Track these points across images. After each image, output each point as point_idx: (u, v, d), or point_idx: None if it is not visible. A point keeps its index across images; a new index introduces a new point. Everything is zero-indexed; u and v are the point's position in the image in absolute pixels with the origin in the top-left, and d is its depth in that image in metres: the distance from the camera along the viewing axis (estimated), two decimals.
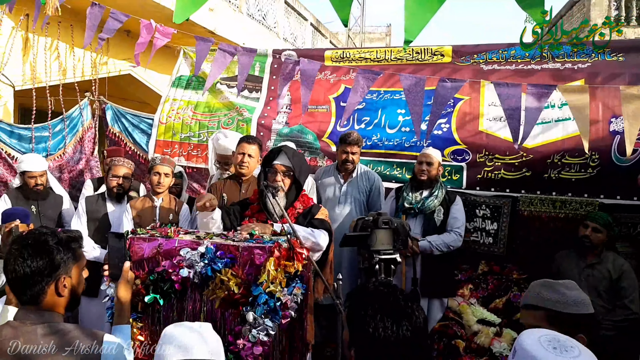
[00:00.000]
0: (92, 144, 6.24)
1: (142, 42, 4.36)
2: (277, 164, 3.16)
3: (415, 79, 3.68)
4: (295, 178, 3.19)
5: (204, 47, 4.19)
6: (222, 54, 4.17)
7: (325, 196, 4.58)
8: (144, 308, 2.65)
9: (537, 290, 2.06)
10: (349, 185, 4.51)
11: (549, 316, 1.95)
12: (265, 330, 2.39)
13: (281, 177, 3.14)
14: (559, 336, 1.53)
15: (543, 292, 2.02)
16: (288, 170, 3.16)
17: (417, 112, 3.63)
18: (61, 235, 1.80)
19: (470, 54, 5.07)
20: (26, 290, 1.73)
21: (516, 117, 3.51)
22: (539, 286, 2.09)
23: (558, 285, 2.05)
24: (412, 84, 3.66)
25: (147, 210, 4.16)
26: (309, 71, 4.01)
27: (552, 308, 1.96)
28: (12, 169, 5.25)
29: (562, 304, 1.96)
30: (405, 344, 1.41)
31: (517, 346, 1.55)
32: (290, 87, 5.60)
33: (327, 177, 4.63)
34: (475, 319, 4.20)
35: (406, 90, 3.68)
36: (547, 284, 2.08)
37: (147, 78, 8.71)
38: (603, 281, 3.86)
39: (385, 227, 3.09)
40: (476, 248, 4.78)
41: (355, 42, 23.91)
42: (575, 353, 1.46)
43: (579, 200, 4.42)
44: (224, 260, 2.52)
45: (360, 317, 1.45)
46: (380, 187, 4.58)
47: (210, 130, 5.69)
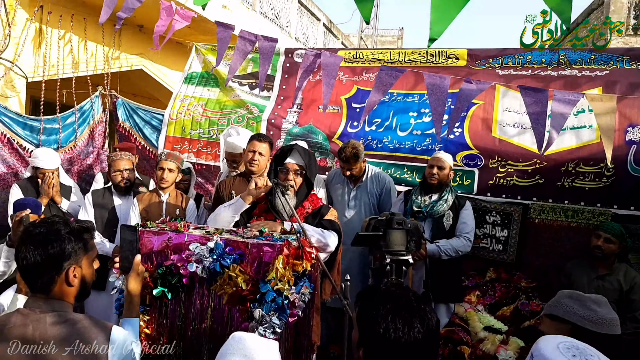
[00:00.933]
0: (102, 137, 6.25)
1: (162, 24, 4.31)
2: (289, 163, 3.13)
3: (439, 79, 3.61)
4: (306, 177, 3.17)
5: (225, 35, 4.09)
6: (243, 43, 4.08)
7: (335, 199, 4.54)
8: (152, 301, 2.63)
9: (566, 302, 1.97)
10: (359, 189, 4.47)
11: (574, 331, 1.86)
12: (272, 327, 2.37)
13: (293, 176, 3.12)
14: (579, 344, 1.49)
15: (572, 306, 1.94)
16: (300, 169, 3.14)
17: (439, 112, 3.57)
18: (73, 225, 1.80)
19: (486, 58, 5.03)
20: (36, 279, 1.72)
21: (541, 122, 3.45)
22: (567, 298, 2.00)
23: (588, 300, 1.96)
24: (436, 84, 3.59)
25: (154, 205, 4.16)
26: (331, 65, 3.93)
27: (580, 324, 1.88)
28: (23, 160, 5.25)
29: (591, 322, 1.87)
30: (416, 345, 1.37)
31: (534, 352, 1.51)
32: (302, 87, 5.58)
33: (337, 181, 4.60)
34: (481, 326, 4.15)
35: (429, 90, 3.61)
36: (576, 296, 1.99)
37: (159, 73, 8.73)
38: (613, 293, 3.81)
39: (399, 227, 3.05)
40: (485, 255, 4.74)
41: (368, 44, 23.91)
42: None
43: (591, 209, 4.36)
44: (232, 257, 2.50)
45: (371, 317, 1.42)
46: (392, 189, 4.52)
47: (220, 127, 5.69)
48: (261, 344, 1.74)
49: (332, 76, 3.86)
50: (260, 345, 1.74)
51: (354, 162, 4.28)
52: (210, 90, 6.05)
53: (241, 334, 1.77)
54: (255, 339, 1.76)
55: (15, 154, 5.22)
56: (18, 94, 6.30)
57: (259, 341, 1.76)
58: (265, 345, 1.76)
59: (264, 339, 1.82)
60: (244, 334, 1.78)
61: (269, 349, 1.74)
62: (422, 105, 5.06)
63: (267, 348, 1.74)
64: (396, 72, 3.73)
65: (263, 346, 1.74)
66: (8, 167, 5.16)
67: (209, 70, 6.15)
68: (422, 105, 5.08)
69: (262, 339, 1.81)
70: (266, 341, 1.79)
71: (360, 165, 4.35)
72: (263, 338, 1.84)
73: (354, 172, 4.36)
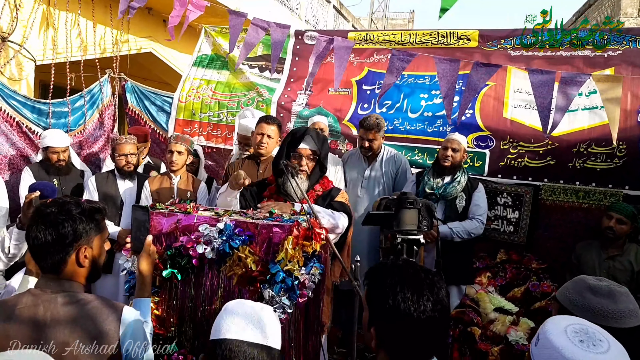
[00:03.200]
0: (112, 121, 6.25)
1: (176, 14, 4.31)
2: (302, 148, 3.11)
3: (450, 62, 3.59)
4: (319, 161, 3.15)
5: (237, 22, 4.09)
6: (254, 29, 4.09)
7: (350, 179, 4.54)
8: (162, 283, 2.64)
9: (585, 295, 1.83)
10: (374, 169, 4.46)
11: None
12: (282, 308, 2.37)
13: (306, 161, 3.10)
14: (588, 326, 1.43)
15: (591, 301, 1.80)
16: (314, 153, 3.12)
17: (449, 95, 3.55)
18: (85, 206, 1.78)
19: (498, 38, 4.96)
20: (47, 259, 1.72)
21: (547, 105, 3.42)
22: (588, 291, 1.84)
23: (611, 292, 1.82)
24: (447, 67, 3.57)
25: (165, 187, 4.17)
26: (343, 49, 3.91)
27: (597, 322, 1.66)
28: (32, 143, 5.27)
29: (611, 319, 1.74)
30: (427, 315, 1.35)
31: (540, 334, 1.46)
32: None
33: (352, 161, 4.59)
34: (492, 307, 4.15)
35: (439, 74, 3.59)
36: (596, 289, 1.83)
37: (168, 56, 8.70)
38: (624, 273, 3.81)
39: (410, 207, 3.02)
40: (496, 236, 4.73)
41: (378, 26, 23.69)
42: (604, 347, 1.36)
43: (603, 190, 4.34)
44: (242, 238, 2.50)
45: (380, 292, 1.40)
46: (408, 171, 4.50)
47: (230, 110, 5.67)
48: (256, 305, 1.76)
49: (345, 60, 3.85)
50: (257, 306, 1.75)
51: (375, 131, 4.29)
52: (220, 72, 6.02)
53: (233, 303, 1.76)
54: (249, 303, 1.77)
55: (24, 137, 5.24)
56: (26, 77, 6.31)
57: (254, 304, 1.77)
58: (260, 306, 1.77)
59: (257, 303, 1.81)
60: (236, 302, 1.77)
61: (264, 308, 1.76)
62: (433, 87, 5.01)
63: (262, 307, 1.76)
64: (408, 56, 3.70)
65: (258, 306, 1.75)
66: (17, 150, 5.18)
67: (219, 52, 6.12)
68: (432, 86, 5.03)
69: (255, 303, 1.80)
70: (259, 304, 1.80)
71: (379, 139, 4.36)
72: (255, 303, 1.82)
73: (373, 145, 4.34)
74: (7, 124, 5.11)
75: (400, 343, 1.40)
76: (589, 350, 1.35)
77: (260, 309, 1.74)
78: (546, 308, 4.11)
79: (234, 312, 1.69)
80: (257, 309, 1.73)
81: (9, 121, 5.12)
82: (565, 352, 1.36)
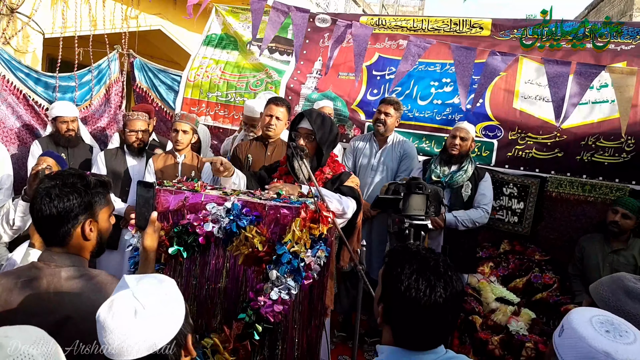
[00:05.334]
0: (119, 97, 6.22)
1: None
2: (301, 127, 3.10)
3: (466, 50, 3.56)
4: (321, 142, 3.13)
5: (259, 6, 4.06)
6: (276, 14, 4.06)
7: (360, 163, 4.53)
8: (167, 260, 2.65)
9: (619, 296, 1.75)
10: (383, 154, 4.45)
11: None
12: (287, 289, 2.38)
13: (304, 140, 3.08)
14: (613, 318, 1.42)
15: (626, 305, 1.72)
16: (310, 133, 3.09)
17: (465, 84, 3.53)
18: (90, 179, 1.76)
19: (510, 28, 4.92)
20: (52, 232, 1.69)
21: (561, 96, 3.39)
22: (623, 293, 1.75)
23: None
24: (463, 55, 3.55)
25: (170, 166, 4.15)
26: (362, 36, 3.88)
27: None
28: (39, 117, 5.26)
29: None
30: (435, 308, 1.35)
31: (565, 324, 1.45)
32: (322, 53, 5.51)
33: (363, 144, 4.57)
34: (493, 297, 4.17)
35: (456, 62, 3.57)
36: (633, 292, 1.73)
37: (177, 34, 8.64)
38: (627, 267, 3.82)
39: (419, 192, 3.02)
40: (500, 226, 4.73)
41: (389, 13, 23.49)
42: (629, 339, 1.34)
43: (609, 184, 4.32)
44: (249, 218, 2.49)
45: (395, 275, 1.40)
46: (413, 156, 4.48)
47: (239, 91, 5.65)
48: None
49: (364, 47, 3.82)
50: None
51: (395, 108, 4.35)
52: (230, 52, 5.98)
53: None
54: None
55: (31, 110, 5.23)
56: (34, 50, 6.27)
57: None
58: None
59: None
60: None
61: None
62: (444, 75, 4.98)
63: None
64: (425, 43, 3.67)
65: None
66: (24, 123, 5.18)
67: (229, 32, 6.08)
68: (443, 74, 5.00)
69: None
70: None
71: (394, 117, 4.38)
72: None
73: (387, 120, 4.34)
74: (14, 96, 5.09)
75: (403, 325, 1.41)
76: (615, 341, 1.33)
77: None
78: (547, 300, 4.13)
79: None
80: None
81: (15, 93, 5.10)
82: (592, 341, 1.34)
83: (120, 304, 1.34)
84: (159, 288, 1.41)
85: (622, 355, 1.30)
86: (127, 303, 1.34)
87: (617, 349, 1.31)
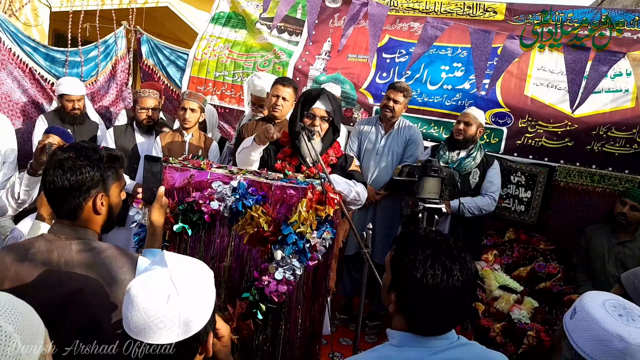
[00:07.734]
0: (125, 74, 6.16)
1: None
2: (317, 108, 3.07)
3: (484, 33, 3.50)
4: (332, 124, 3.11)
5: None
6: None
7: (365, 147, 4.47)
8: (172, 237, 2.63)
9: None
10: (389, 138, 4.40)
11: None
12: (292, 270, 2.36)
13: (319, 121, 3.06)
14: (626, 303, 1.41)
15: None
16: (327, 115, 3.07)
17: (481, 68, 3.47)
18: (103, 152, 1.74)
19: (525, 13, 4.83)
20: (63, 204, 1.68)
21: (577, 83, 3.34)
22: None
23: None
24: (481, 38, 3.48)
25: (177, 144, 4.13)
26: (378, 15, 3.80)
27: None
28: (44, 91, 5.23)
29: None
30: (453, 292, 1.33)
31: (577, 306, 1.45)
32: (332, 33, 5.44)
33: (369, 128, 4.52)
34: (497, 285, 4.14)
35: (473, 45, 3.51)
36: None
37: (184, 12, 8.54)
38: (633, 259, 3.80)
39: (434, 175, 2.98)
40: (506, 215, 4.70)
41: None
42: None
43: (619, 175, 4.28)
44: (255, 197, 2.47)
45: (409, 261, 1.36)
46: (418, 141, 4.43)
47: (246, 71, 5.59)
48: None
49: (380, 27, 3.75)
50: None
51: (404, 95, 4.27)
52: (237, 31, 5.91)
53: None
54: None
55: (36, 85, 5.19)
56: (41, 23, 6.21)
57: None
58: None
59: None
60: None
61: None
62: (455, 59, 4.91)
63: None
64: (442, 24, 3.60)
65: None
66: (29, 97, 5.14)
67: (237, 10, 6.00)
68: (454, 59, 4.93)
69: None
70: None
71: (402, 104, 4.31)
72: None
73: (395, 107, 4.28)
74: (20, 70, 5.06)
75: (420, 312, 1.38)
76: (628, 324, 1.33)
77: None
78: (551, 289, 4.10)
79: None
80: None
81: (21, 67, 5.07)
82: (605, 324, 1.35)
83: (155, 284, 1.27)
84: (197, 278, 1.34)
85: (635, 339, 1.31)
86: (162, 285, 1.26)
87: (630, 332, 1.32)
